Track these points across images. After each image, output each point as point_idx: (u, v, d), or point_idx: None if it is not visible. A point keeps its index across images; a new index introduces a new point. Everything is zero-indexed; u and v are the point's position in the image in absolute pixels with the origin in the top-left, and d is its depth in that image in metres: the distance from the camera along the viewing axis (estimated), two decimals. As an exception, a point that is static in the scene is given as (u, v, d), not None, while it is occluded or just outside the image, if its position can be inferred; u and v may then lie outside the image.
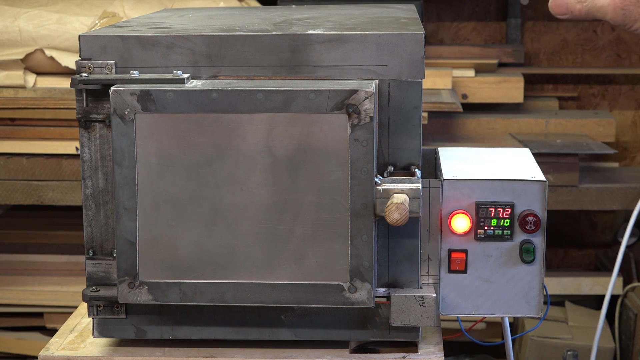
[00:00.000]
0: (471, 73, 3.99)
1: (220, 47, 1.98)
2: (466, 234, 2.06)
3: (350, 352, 2.06)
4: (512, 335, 2.54)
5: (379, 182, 1.93)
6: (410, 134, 1.98)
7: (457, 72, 3.96)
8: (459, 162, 2.18)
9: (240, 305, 2.00)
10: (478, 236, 2.06)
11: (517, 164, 2.18)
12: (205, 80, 1.98)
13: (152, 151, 1.92)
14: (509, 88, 3.97)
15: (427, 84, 3.76)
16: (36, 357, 3.31)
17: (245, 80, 1.97)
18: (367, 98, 1.88)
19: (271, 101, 1.89)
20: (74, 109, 2.80)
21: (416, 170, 1.98)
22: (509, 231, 2.05)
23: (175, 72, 1.96)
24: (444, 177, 2.06)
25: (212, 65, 1.98)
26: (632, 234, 4.03)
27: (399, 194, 1.92)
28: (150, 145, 1.92)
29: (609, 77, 4.34)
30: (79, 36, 2.00)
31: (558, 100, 4.28)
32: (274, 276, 1.95)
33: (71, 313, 2.33)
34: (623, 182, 3.76)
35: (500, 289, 2.08)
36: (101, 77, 1.97)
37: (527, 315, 2.09)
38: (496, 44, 4.34)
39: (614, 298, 3.82)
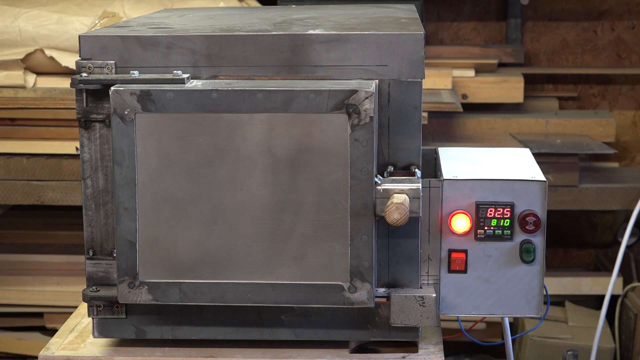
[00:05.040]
0: (471, 73, 3.99)
1: (220, 47, 1.98)
2: (466, 234, 2.06)
3: (350, 352, 2.06)
4: (512, 335, 2.54)
5: (379, 182, 1.93)
6: (410, 134, 1.98)
7: (457, 72, 3.96)
8: (459, 162, 2.18)
9: (240, 305, 2.00)
10: (478, 236, 2.06)
11: (517, 164, 2.18)
12: (205, 80, 1.98)
13: (152, 151, 1.92)
14: (509, 88, 3.97)
15: (427, 84, 3.76)
16: (36, 357, 3.31)
17: (245, 80, 1.97)
18: (367, 98, 1.88)
19: (271, 101, 1.89)
20: (74, 109, 2.80)
21: (416, 170, 1.98)
22: (509, 231, 2.05)
23: (175, 72, 1.96)
24: (444, 177, 2.06)
25: (212, 65, 1.98)
26: (632, 234, 4.03)
27: (399, 194, 1.92)
28: (150, 145, 1.92)
29: (609, 77, 4.34)
30: (79, 36, 2.00)
31: (558, 100, 4.28)
32: (274, 276, 1.95)
33: (71, 313, 2.33)
34: (623, 182, 3.76)
35: (500, 289, 2.08)
36: (101, 77, 1.97)
37: (527, 315, 2.09)
38: (496, 44, 4.34)
39: (614, 298, 3.82)
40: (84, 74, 1.98)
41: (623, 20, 4.30)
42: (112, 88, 1.91)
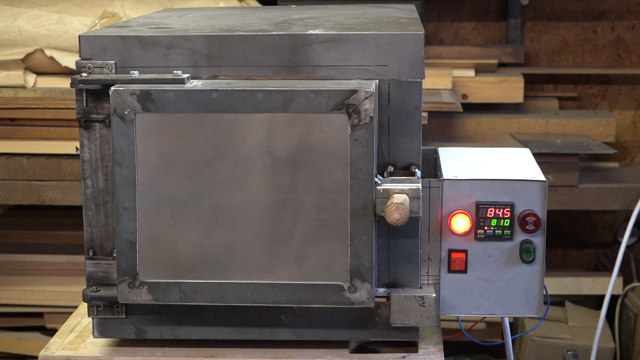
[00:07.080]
0: (471, 73, 3.99)
1: (220, 47, 1.98)
2: (466, 234, 2.06)
3: (350, 352, 2.06)
4: (512, 335, 2.54)
5: (379, 182, 1.93)
6: (410, 134, 1.98)
7: (457, 72, 3.96)
8: (459, 162, 2.18)
9: (240, 305, 2.00)
10: (478, 236, 2.06)
11: (517, 164, 2.18)
12: (205, 80, 1.98)
13: (152, 151, 1.92)
14: (509, 88, 3.97)
15: (427, 84, 3.76)
16: (36, 357, 3.31)
17: (245, 80, 1.97)
18: (367, 98, 1.88)
19: (271, 101, 1.89)
20: (74, 109, 2.80)
21: (416, 170, 1.98)
22: (509, 231, 2.05)
23: (175, 72, 1.96)
24: (444, 177, 2.06)
25: (212, 65, 1.98)
26: (632, 234, 4.03)
27: (399, 194, 1.92)
28: (150, 145, 1.92)
29: (609, 77, 4.34)
30: (79, 36, 2.00)
31: (558, 100, 4.27)
32: (274, 276, 1.95)
33: (71, 313, 2.33)
34: (623, 182, 3.76)
35: (500, 289, 2.08)
36: (101, 77, 1.97)
37: (527, 315, 2.09)
38: (496, 44, 4.34)
39: (614, 298, 3.82)
40: (84, 74, 1.98)
41: (623, 20, 4.30)
42: (112, 88, 1.91)
